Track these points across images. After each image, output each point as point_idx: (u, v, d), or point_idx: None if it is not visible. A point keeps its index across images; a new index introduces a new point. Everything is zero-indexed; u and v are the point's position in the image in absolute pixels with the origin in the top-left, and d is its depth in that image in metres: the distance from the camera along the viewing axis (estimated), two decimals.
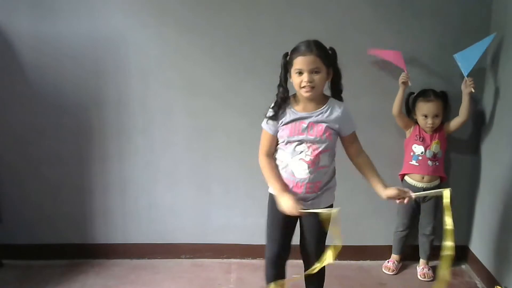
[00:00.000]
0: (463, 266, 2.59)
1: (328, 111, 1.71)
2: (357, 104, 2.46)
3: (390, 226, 2.58)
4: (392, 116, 2.41)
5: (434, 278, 2.45)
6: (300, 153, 1.71)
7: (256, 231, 2.48)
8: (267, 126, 1.76)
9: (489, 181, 2.42)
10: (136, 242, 2.60)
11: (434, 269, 2.51)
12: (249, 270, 2.50)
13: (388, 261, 2.54)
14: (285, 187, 1.75)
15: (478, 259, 2.47)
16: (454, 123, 2.38)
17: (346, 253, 2.56)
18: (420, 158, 2.38)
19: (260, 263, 2.57)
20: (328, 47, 1.71)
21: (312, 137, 1.70)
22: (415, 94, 2.41)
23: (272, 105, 1.75)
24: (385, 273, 2.51)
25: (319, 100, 1.72)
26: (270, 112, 1.74)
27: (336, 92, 1.77)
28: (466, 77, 2.30)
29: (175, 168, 2.52)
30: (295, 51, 1.68)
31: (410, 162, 2.40)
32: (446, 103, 2.39)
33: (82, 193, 2.52)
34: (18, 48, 2.35)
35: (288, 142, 1.73)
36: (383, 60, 2.37)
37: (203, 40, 2.38)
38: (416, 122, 2.42)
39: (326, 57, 1.68)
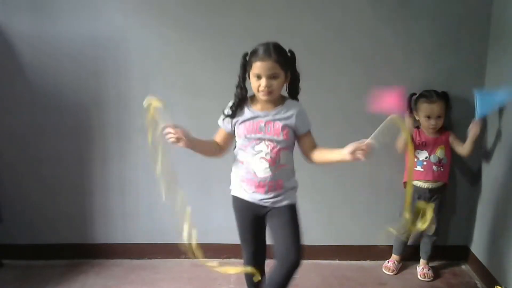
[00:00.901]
0: (463, 266, 2.59)
1: (285, 110, 1.73)
2: (357, 104, 2.46)
3: (390, 226, 2.58)
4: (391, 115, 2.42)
5: (434, 278, 2.45)
6: (260, 152, 1.72)
7: None
8: (222, 123, 1.80)
9: (489, 181, 2.42)
10: (136, 242, 2.60)
11: (434, 269, 2.51)
12: None
13: (388, 261, 2.54)
14: (200, 142, 1.78)
15: (478, 259, 2.47)
16: (457, 149, 2.38)
17: (346, 253, 2.58)
18: (424, 163, 2.37)
19: None
20: (287, 50, 1.71)
21: (269, 136, 1.71)
22: (416, 94, 2.40)
23: (230, 104, 1.77)
24: (385, 273, 2.51)
25: (276, 100, 1.74)
26: (228, 111, 1.77)
27: (293, 94, 1.79)
28: (476, 119, 2.25)
29: (175, 168, 2.51)
30: (254, 55, 1.67)
31: (415, 168, 2.39)
32: (448, 104, 2.39)
33: (82, 193, 2.53)
34: (18, 48, 2.35)
35: (246, 141, 1.74)
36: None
37: (203, 40, 2.38)
38: (415, 127, 2.41)
39: (285, 62, 1.68)
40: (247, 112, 1.75)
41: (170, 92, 2.43)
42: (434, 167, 2.35)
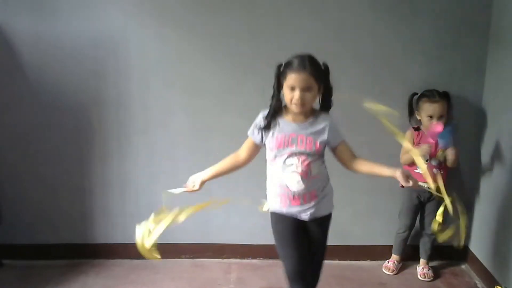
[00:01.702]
0: (463, 266, 2.59)
1: (317, 122, 1.72)
2: (357, 104, 2.46)
3: (390, 226, 2.58)
4: (392, 116, 2.42)
5: (434, 278, 2.45)
6: (291, 165, 1.71)
7: (256, 231, 2.48)
8: (253, 134, 1.78)
9: (489, 181, 2.42)
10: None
11: (434, 269, 2.51)
12: (249, 270, 2.50)
13: (388, 261, 2.54)
14: (218, 172, 1.84)
15: (478, 259, 2.47)
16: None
17: (346, 253, 2.58)
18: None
19: (260, 263, 2.58)
20: (321, 63, 1.70)
21: (301, 149, 1.70)
22: (418, 94, 2.39)
23: (265, 115, 1.74)
24: (385, 273, 2.51)
25: (308, 112, 1.73)
26: (263, 122, 1.74)
27: (325, 108, 1.77)
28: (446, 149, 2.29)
29: (175, 168, 2.52)
30: (289, 66, 1.66)
31: (415, 171, 2.36)
32: (449, 104, 2.37)
33: (82, 193, 2.53)
34: (18, 48, 2.35)
35: (277, 156, 1.72)
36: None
37: (203, 40, 2.38)
38: (416, 129, 2.39)
39: (319, 75, 1.67)
40: (280, 124, 1.73)
41: (170, 92, 2.43)
42: (435, 170, 2.35)
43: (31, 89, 2.39)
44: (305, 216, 1.75)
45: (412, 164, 2.36)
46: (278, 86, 1.72)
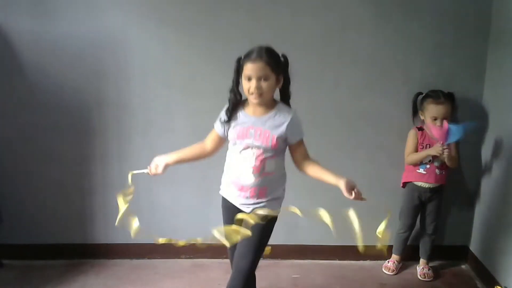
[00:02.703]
0: (463, 266, 2.59)
1: (276, 117, 1.70)
2: (357, 104, 2.47)
3: (390, 226, 2.58)
4: (392, 115, 2.43)
5: (434, 278, 2.45)
6: (246, 158, 1.72)
7: None
8: (217, 127, 1.83)
9: (489, 181, 2.42)
10: (136, 242, 2.58)
11: (434, 269, 2.51)
12: None
13: (388, 261, 2.54)
14: (183, 157, 1.87)
15: (478, 259, 2.47)
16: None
17: (346, 253, 2.58)
18: (428, 166, 2.35)
19: (260, 263, 2.57)
20: (280, 54, 1.70)
21: (258, 143, 1.69)
22: (423, 94, 2.37)
23: (225, 109, 1.77)
24: (385, 273, 2.51)
25: (269, 105, 1.72)
26: (224, 117, 1.77)
27: (285, 98, 1.76)
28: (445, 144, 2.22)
29: (175, 168, 2.51)
30: (246, 57, 1.67)
31: (418, 171, 2.37)
32: (453, 105, 2.35)
33: (82, 193, 2.53)
34: (18, 48, 2.35)
35: (236, 145, 1.75)
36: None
37: (203, 40, 2.37)
38: (419, 128, 2.39)
39: (277, 65, 1.66)
40: (240, 117, 1.75)
41: (169, 92, 2.43)
42: (437, 171, 2.34)
43: (31, 89, 2.39)
44: (247, 210, 1.75)
45: (416, 164, 2.37)
46: (237, 79, 1.73)
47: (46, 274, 2.41)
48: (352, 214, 1.66)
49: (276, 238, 1.92)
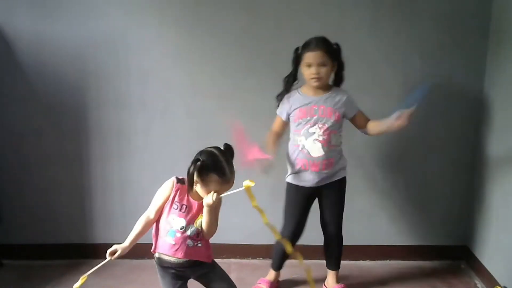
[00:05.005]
0: (463, 266, 2.59)
1: (334, 95, 2.01)
2: (357, 103, 2.46)
3: (391, 226, 2.59)
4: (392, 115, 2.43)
5: (434, 277, 2.44)
6: (314, 134, 1.97)
7: (256, 231, 2.48)
8: (280, 113, 2.06)
9: (489, 180, 2.42)
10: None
11: (434, 269, 2.51)
12: (249, 270, 2.50)
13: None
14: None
15: (478, 259, 2.47)
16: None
17: (346, 253, 2.58)
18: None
19: (260, 263, 2.58)
20: (334, 43, 1.98)
21: (323, 118, 1.96)
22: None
23: (279, 93, 2.05)
24: (383, 273, 2.50)
25: (325, 88, 2.02)
26: (280, 99, 2.05)
27: (338, 81, 2.07)
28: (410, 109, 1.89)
29: (175, 168, 2.51)
30: (305, 47, 1.95)
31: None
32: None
33: (82, 193, 2.53)
34: (18, 48, 2.35)
35: (301, 124, 1.99)
36: None
37: (202, 40, 2.38)
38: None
39: (332, 52, 1.96)
40: (301, 98, 2.00)
41: (169, 92, 2.43)
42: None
43: (31, 89, 2.39)
44: (324, 183, 2.04)
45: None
46: (296, 67, 2.01)
47: (46, 274, 2.41)
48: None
49: (276, 238, 1.92)
